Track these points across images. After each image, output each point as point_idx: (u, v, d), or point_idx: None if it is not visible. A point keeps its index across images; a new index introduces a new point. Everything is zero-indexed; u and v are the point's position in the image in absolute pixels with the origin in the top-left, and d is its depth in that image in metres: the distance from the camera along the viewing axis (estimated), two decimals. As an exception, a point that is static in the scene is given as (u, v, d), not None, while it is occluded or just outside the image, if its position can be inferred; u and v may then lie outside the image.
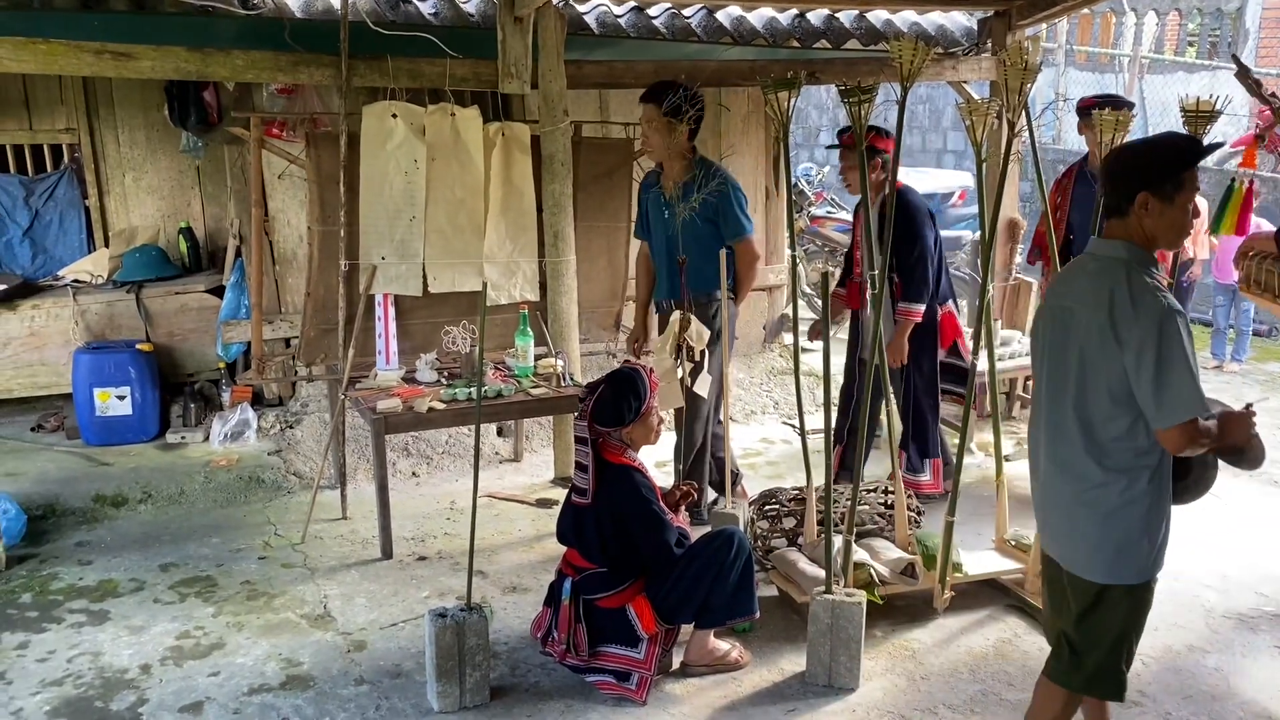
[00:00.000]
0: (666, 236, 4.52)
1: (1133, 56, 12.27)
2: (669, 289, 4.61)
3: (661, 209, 4.55)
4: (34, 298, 5.88)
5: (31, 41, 4.14)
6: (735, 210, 4.48)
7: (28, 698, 3.43)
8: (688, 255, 4.35)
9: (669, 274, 4.56)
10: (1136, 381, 2.46)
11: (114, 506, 5.02)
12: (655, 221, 4.64)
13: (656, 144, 4.44)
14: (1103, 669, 2.69)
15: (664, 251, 4.60)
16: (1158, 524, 2.62)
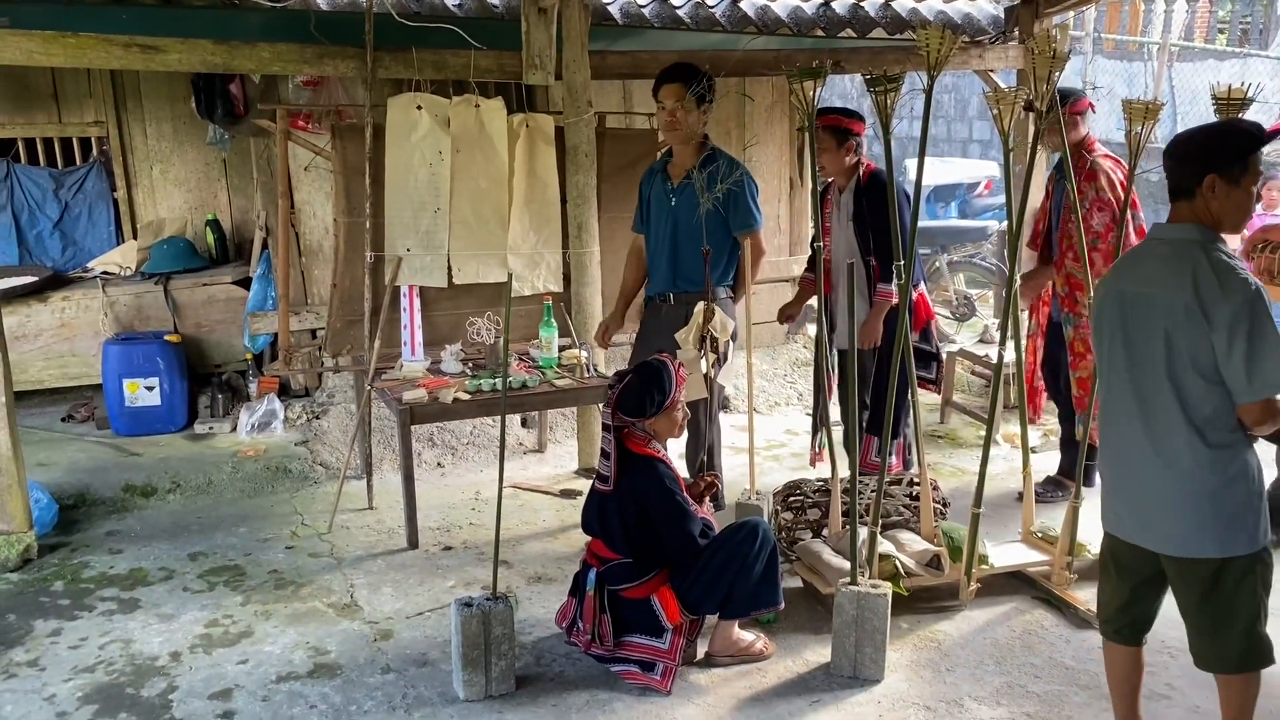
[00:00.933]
0: (670, 227, 4.35)
1: (1162, 44, 12.11)
2: (668, 282, 4.42)
3: (667, 198, 4.37)
4: (64, 289, 5.96)
5: (61, 35, 4.18)
6: (748, 201, 4.33)
7: (60, 684, 3.48)
8: (692, 246, 4.23)
9: (670, 266, 4.38)
10: (1227, 357, 2.54)
11: (143, 496, 5.07)
12: (657, 212, 4.45)
13: (687, 124, 4.25)
14: (1249, 640, 2.74)
15: (666, 243, 4.39)
16: (1260, 491, 2.69)
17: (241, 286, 6.13)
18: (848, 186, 4.68)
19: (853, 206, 4.66)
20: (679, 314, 4.31)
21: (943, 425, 6.14)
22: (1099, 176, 4.63)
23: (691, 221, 4.21)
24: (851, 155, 4.66)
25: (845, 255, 4.65)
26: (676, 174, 4.33)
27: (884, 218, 4.50)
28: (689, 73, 4.23)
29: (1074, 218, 4.59)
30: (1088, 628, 3.79)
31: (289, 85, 5.72)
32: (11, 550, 4.31)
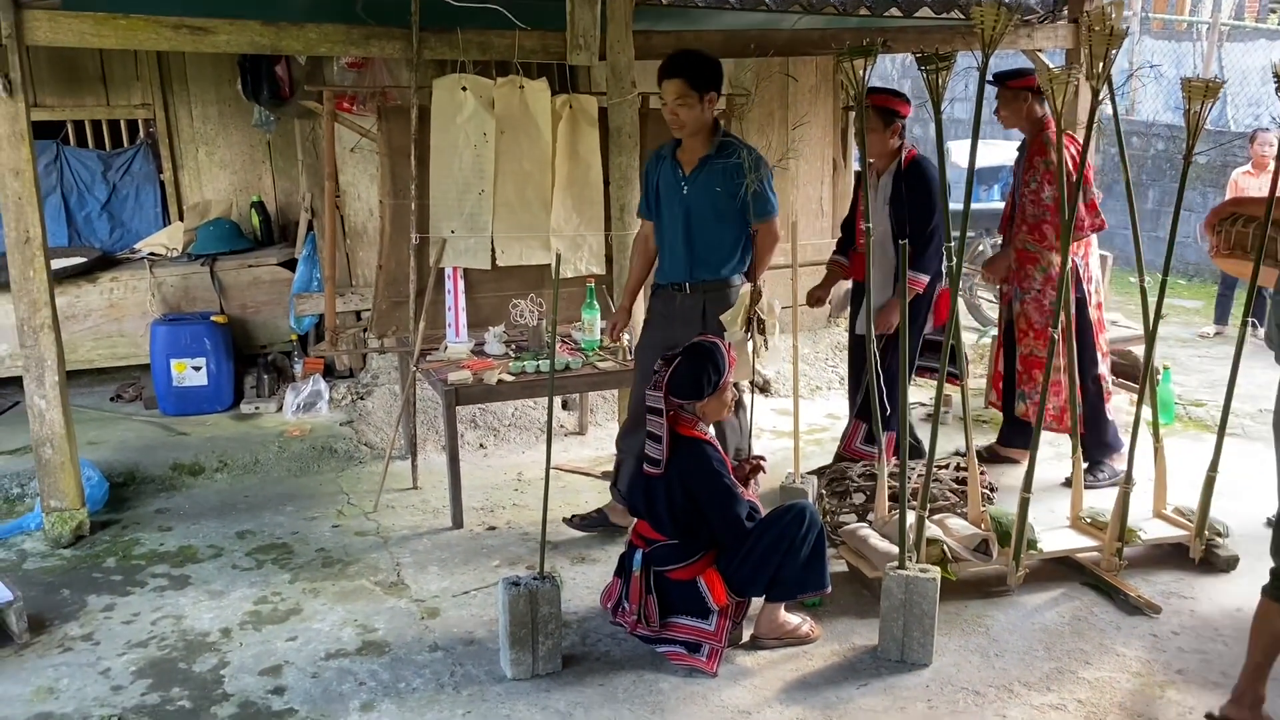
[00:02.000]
0: (683, 216, 4.14)
1: (1211, 24, 11.88)
2: (685, 271, 4.18)
3: (678, 186, 4.14)
4: (112, 270, 6.03)
5: (112, 16, 4.21)
6: (766, 189, 4.13)
7: (115, 658, 3.53)
8: (706, 234, 4.10)
9: (686, 255, 4.17)
10: None
11: (191, 475, 5.14)
12: (667, 200, 4.21)
13: (689, 120, 4.00)
14: None
15: (679, 231, 4.16)
16: None
17: (286, 268, 6.18)
18: (888, 170, 4.61)
19: (890, 190, 4.59)
20: (695, 303, 4.17)
21: (988, 410, 6.06)
22: (1049, 151, 4.63)
23: (707, 209, 4.08)
24: (896, 138, 4.60)
25: (880, 239, 4.59)
26: (688, 162, 4.12)
27: (920, 204, 4.48)
28: (687, 65, 3.99)
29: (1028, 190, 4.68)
30: (1138, 614, 3.75)
31: (334, 67, 5.74)
32: (65, 527, 4.38)
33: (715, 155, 4.05)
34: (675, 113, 3.99)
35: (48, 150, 6.21)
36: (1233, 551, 4.09)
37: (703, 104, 3.98)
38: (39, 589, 4.00)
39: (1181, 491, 4.49)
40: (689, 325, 4.12)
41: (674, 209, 4.17)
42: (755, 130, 6.56)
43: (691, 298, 4.17)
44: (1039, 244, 4.77)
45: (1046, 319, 4.79)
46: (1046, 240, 4.73)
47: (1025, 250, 4.81)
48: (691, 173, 4.09)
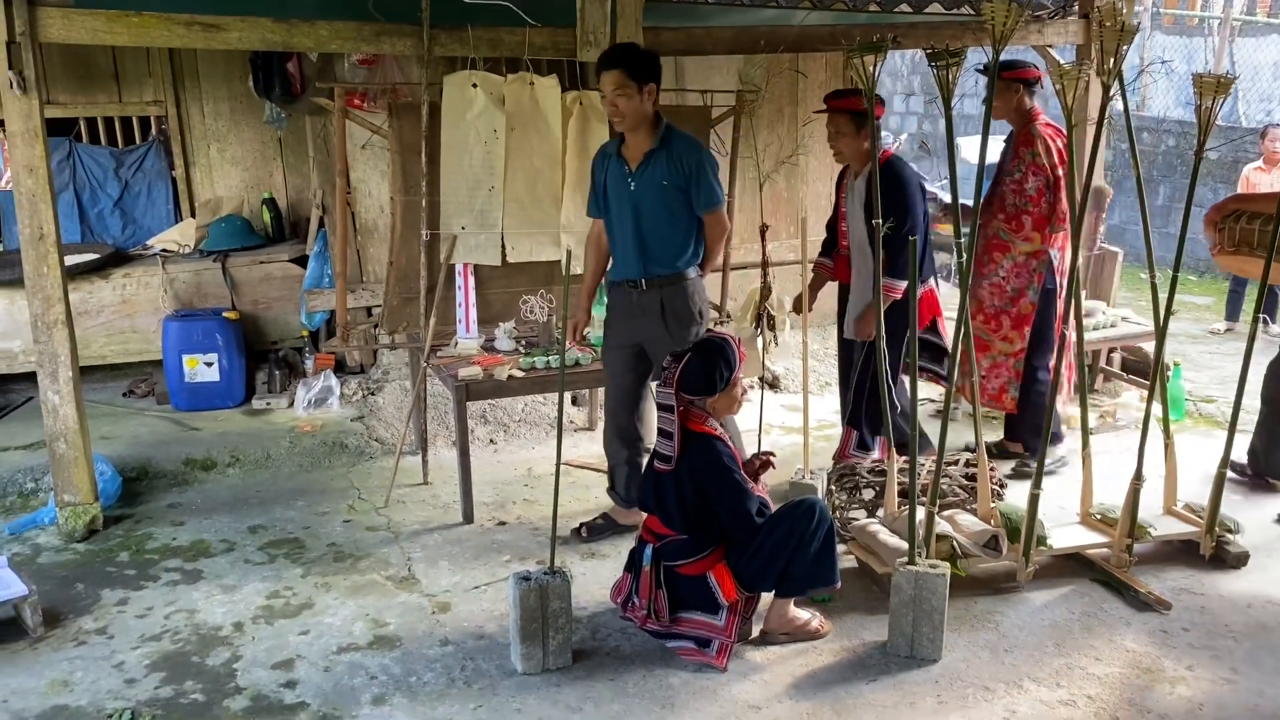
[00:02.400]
0: (632, 212, 4.08)
1: (1223, 19, 11.83)
2: (638, 267, 4.11)
3: (625, 182, 4.08)
4: (125, 266, 6.06)
5: (124, 14, 4.22)
6: (710, 178, 4.08)
7: (129, 651, 3.56)
8: (658, 229, 4.05)
9: (638, 251, 4.10)
10: None
11: (203, 470, 5.17)
12: (616, 197, 4.14)
13: (629, 112, 3.94)
14: None
15: (629, 227, 4.10)
16: None
17: (298, 264, 6.20)
18: (863, 172, 4.52)
19: (865, 194, 4.51)
20: (653, 299, 4.12)
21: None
22: (1035, 143, 4.67)
23: (656, 204, 4.03)
24: (868, 139, 4.43)
25: (859, 244, 4.57)
26: (634, 157, 4.07)
27: (896, 207, 4.32)
28: (625, 56, 3.98)
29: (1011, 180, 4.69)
30: (1148, 610, 3.76)
31: (345, 64, 5.76)
32: (79, 521, 4.41)
33: (659, 148, 4.01)
34: (614, 104, 3.94)
35: (61, 147, 6.25)
36: (1243, 548, 4.09)
37: (642, 95, 3.93)
38: (53, 583, 4.03)
39: (1192, 488, 4.49)
40: (649, 321, 4.13)
41: (623, 206, 4.12)
42: (765, 127, 6.56)
43: (648, 294, 4.13)
44: (1014, 233, 4.76)
45: (1001, 304, 4.83)
46: (1023, 230, 4.74)
47: (997, 238, 4.81)
48: (638, 168, 4.05)
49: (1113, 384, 6.19)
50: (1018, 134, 4.80)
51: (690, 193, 4.05)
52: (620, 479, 4.39)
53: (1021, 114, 4.79)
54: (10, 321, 5.71)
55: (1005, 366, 4.87)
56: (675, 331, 4.10)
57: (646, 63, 3.96)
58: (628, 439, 4.36)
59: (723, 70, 6.49)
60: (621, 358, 4.28)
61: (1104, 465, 4.77)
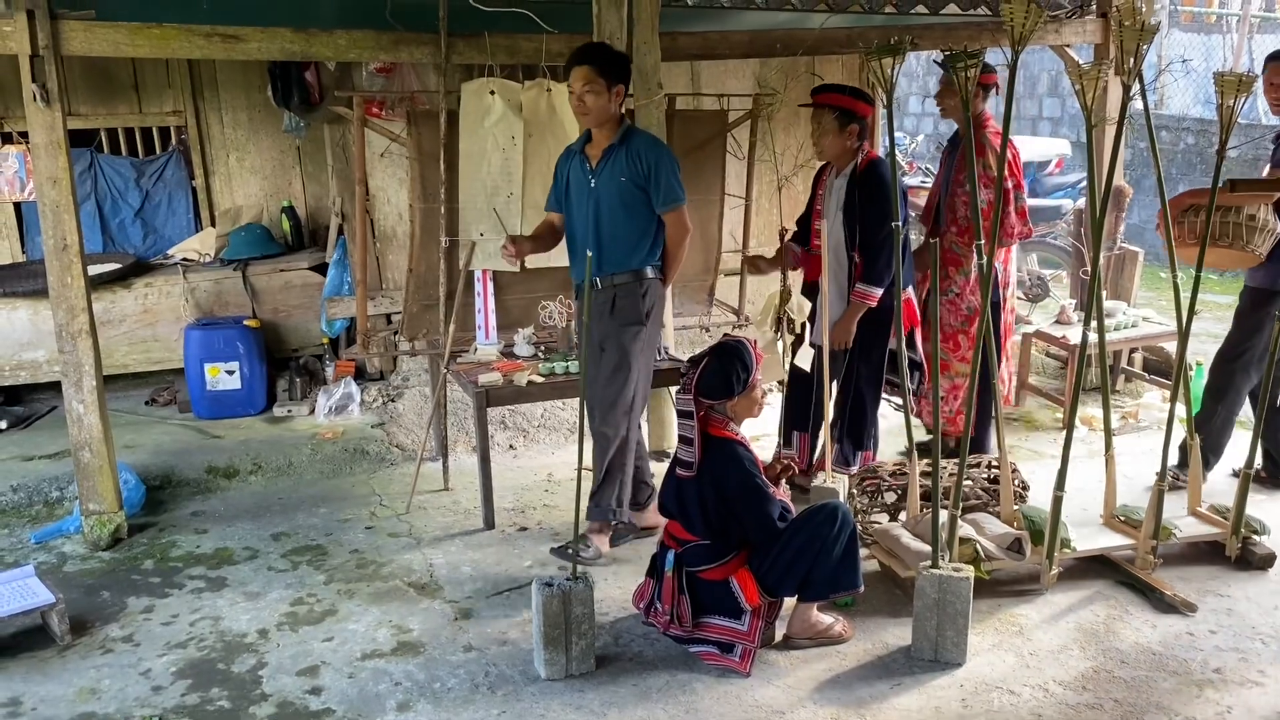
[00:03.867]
0: (592, 210, 4.06)
1: (1241, 16, 11.75)
2: (595, 266, 4.03)
3: (586, 179, 4.08)
4: (146, 276, 6.10)
5: (146, 26, 4.26)
6: (669, 175, 4.02)
7: (155, 659, 3.58)
8: (616, 227, 4.01)
9: (594, 248, 4.03)
10: None
11: (226, 478, 5.19)
12: (578, 196, 4.13)
13: (595, 108, 3.94)
14: None
15: (589, 226, 4.08)
16: None
17: (317, 272, 6.23)
18: (844, 172, 4.48)
19: (844, 196, 4.45)
20: (605, 298, 4.09)
21: (1018, 408, 6.04)
22: (986, 153, 4.57)
23: (614, 200, 4.00)
24: (853, 139, 4.44)
25: (834, 247, 4.48)
26: (595, 155, 4.07)
27: (875, 212, 4.31)
28: (597, 54, 4.00)
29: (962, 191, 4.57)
30: (1173, 613, 3.73)
31: (363, 72, 5.78)
32: (104, 529, 4.44)
33: (618, 144, 4.01)
34: (582, 99, 3.94)
35: (82, 158, 6.30)
36: (1270, 549, 4.05)
37: (610, 94, 3.93)
38: (79, 591, 4.06)
39: (1217, 488, 4.46)
40: (599, 320, 4.07)
41: (584, 204, 4.10)
42: (782, 130, 6.54)
43: (603, 293, 4.09)
44: (967, 247, 4.64)
45: (958, 324, 4.74)
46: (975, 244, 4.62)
47: (951, 251, 4.69)
48: (598, 165, 4.04)
49: (1134, 384, 6.16)
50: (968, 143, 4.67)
51: (649, 191, 4.02)
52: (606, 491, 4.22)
53: (978, 118, 4.64)
54: (34, 331, 5.76)
55: (963, 389, 4.73)
56: (618, 330, 4.05)
57: (618, 63, 3.98)
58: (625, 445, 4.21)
59: (739, 74, 6.49)
60: (592, 357, 4.15)
61: (1127, 466, 4.75)
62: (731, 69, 6.50)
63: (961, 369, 4.73)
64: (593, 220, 4.06)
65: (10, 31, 4.05)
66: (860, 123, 4.42)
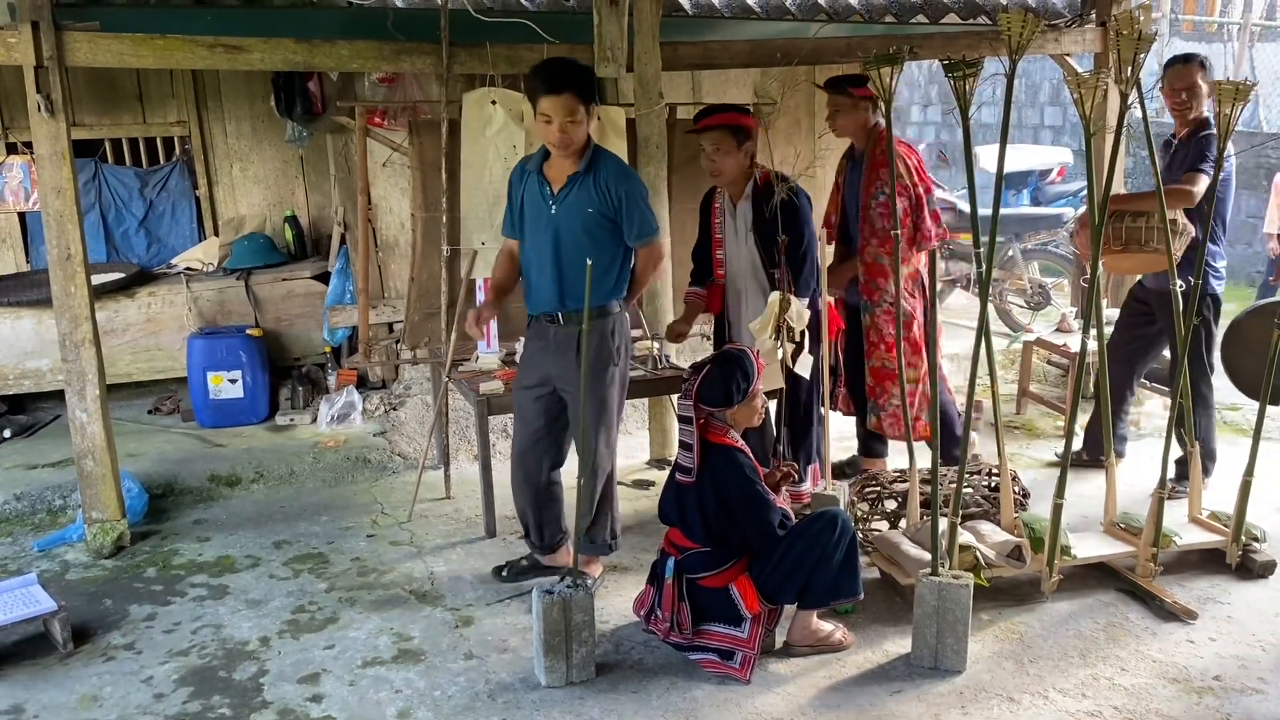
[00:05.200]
0: (551, 240, 3.72)
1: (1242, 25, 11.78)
2: (555, 300, 3.77)
3: (545, 205, 3.72)
4: (150, 285, 6.13)
5: (150, 37, 4.30)
6: (643, 206, 3.76)
7: (157, 666, 3.59)
8: (578, 259, 3.62)
9: (555, 284, 3.75)
10: None
11: (228, 486, 5.21)
12: (534, 221, 3.77)
13: (579, 139, 3.64)
14: None
15: (549, 257, 3.74)
16: None
17: (320, 281, 6.25)
18: (744, 194, 4.35)
19: (752, 215, 4.33)
20: (569, 336, 3.76)
21: (1019, 416, 6.05)
22: (897, 163, 4.45)
23: (578, 231, 3.69)
24: (748, 158, 4.31)
25: (746, 270, 4.41)
26: (556, 178, 3.70)
27: (790, 227, 4.19)
28: (577, 78, 3.60)
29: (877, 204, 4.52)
30: (1174, 620, 3.73)
31: (365, 83, 5.82)
32: (107, 537, 4.46)
33: (585, 173, 3.68)
34: (564, 130, 3.56)
35: (86, 168, 6.33)
36: (1270, 556, 4.06)
37: (590, 118, 3.63)
38: (82, 599, 4.07)
39: (1217, 496, 4.46)
40: (563, 360, 3.78)
41: (540, 231, 3.75)
42: (782, 139, 6.58)
43: (565, 329, 3.78)
44: (891, 256, 4.48)
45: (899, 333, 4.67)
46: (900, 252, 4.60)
47: (877, 263, 4.62)
48: (560, 191, 3.69)
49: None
50: (871, 153, 4.58)
51: (621, 223, 3.74)
52: (533, 527, 4.05)
53: (868, 131, 4.61)
54: (38, 340, 5.79)
55: (915, 395, 4.64)
56: (591, 373, 3.71)
57: (593, 81, 3.69)
58: (534, 487, 3.98)
59: (739, 83, 6.53)
60: (531, 399, 3.91)
61: (1128, 474, 4.76)
62: (732, 78, 6.54)
63: (911, 374, 4.65)
64: (551, 250, 3.73)
65: (15, 43, 4.08)
66: (752, 138, 4.31)
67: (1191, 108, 4.57)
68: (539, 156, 3.79)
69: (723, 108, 4.42)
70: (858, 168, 4.69)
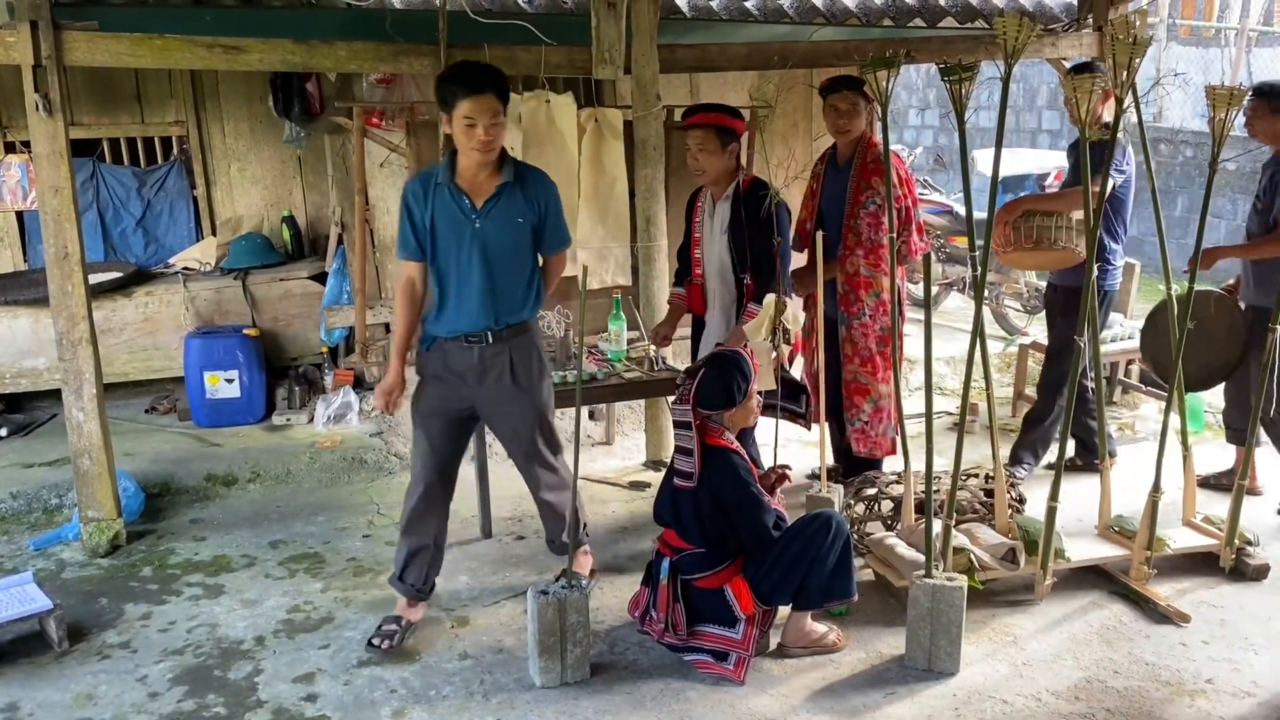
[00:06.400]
0: (479, 254, 3.52)
1: (1240, 30, 11.80)
2: (484, 318, 3.56)
3: (466, 219, 3.51)
4: (147, 285, 6.13)
5: (148, 37, 4.30)
6: (562, 215, 3.71)
7: (152, 665, 3.60)
8: (510, 272, 3.55)
9: (488, 298, 3.55)
10: None
11: (224, 485, 5.21)
12: (453, 237, 3.52)
13: (499, 142, 3.49)
14: None
15: (475, 272, 3.53)
16: None
17: (317, 281, 6.26)
18: (725, 195, 4.31)
19: (729, 217, 4.27)
20: (500, 353, 3.61)
21: (1015, 419, 6.05)
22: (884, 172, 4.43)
23: (508, 244, 3.54)
24: (733, 159, 4.28)
25: (719, 270, 4.37)
26: (477, 190, 3.51)
27: (765, 233, 4.14)
28: (498, 81, 3.44)
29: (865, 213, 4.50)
30: (1167, 623, 3.74)
31: (363, 83, 5.83)
32: (102, 536, 4.46)
33: (513, 182, 3.54)
34: (489, 133, 3.40)
35: (84, 167, 6.33)
36: (1263, 560, 4.07)
37: (506, 121, 3.50)
38: (77, 598, 4.08)
39: (1211, 499, 4.48)
40: (494, 381, 3.61)
41: (465, 247, 3.53)
42: (779, 142, 6.60)
43: (494, 347, 3.60)
44: (874, 268, 4.53)
45: (876, 346, 4.58)
46: (883, 265, 4.50)
47: (860, 275, 4.54)
48: (485, 203, 3.51)
49: (1131, 396, 6.18)
50: (861, 162, 4.53)
51: (542, 231, 3.63)
52: (418, 565, 3.75)
53: (862, 138, 4.56)
54: (35, 340, 5.79)
55: (886, 411, 4.63)
56: (527, 389, 3.65)
57: (507, 84, 3.51)
58: (441, 515, 3.83)
59: (736, 86, 6.54)
60: (443, 425, 3.69)
61: (1122, 477, 4.76)
62: (729, 81, 6.55)
63: (884, 390, 4.63)
64: (480, 265, 3.53)
65: (14, 42, 4.09)
66: (738, 141, 4.28)
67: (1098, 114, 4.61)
68: (445, 169, 3.54)
69: (712, 107, 4.39)
70: (840, 174, 4.62)
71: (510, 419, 3.72)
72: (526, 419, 3.72)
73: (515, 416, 3.70)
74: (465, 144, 3.43)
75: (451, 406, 3.67)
